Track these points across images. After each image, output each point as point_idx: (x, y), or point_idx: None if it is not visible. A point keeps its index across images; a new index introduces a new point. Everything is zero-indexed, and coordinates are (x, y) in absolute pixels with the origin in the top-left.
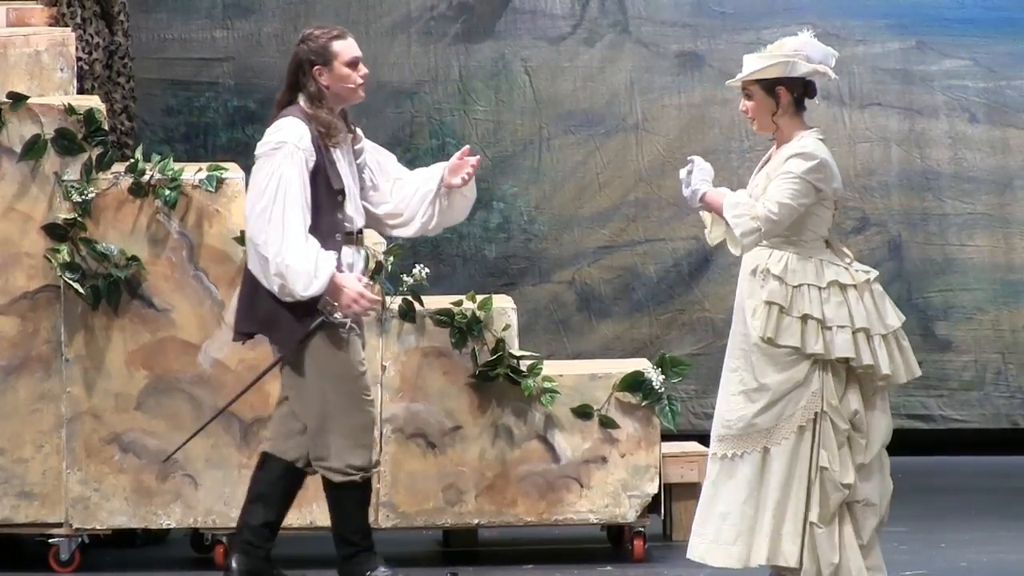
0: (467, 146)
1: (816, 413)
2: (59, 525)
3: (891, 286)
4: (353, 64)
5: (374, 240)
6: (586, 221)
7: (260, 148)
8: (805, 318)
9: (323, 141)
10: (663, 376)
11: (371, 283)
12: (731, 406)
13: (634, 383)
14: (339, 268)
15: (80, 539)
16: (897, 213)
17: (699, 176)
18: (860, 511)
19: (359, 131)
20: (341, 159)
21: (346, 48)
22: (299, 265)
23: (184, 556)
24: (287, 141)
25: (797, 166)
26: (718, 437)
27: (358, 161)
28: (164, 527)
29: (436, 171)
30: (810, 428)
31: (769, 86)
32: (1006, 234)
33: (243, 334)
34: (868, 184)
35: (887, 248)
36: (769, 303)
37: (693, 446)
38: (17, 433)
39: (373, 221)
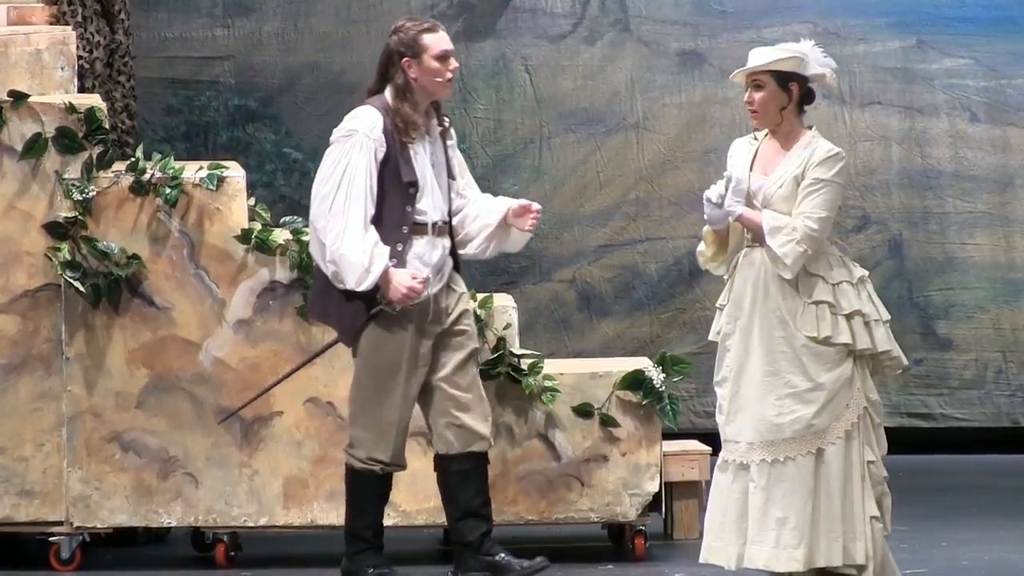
0: (536, 204)
1: (863, 408)
2: (60, 524)
3: (892, 285)
4: (443, 58)
5: None
6: (587, 220)
7: (333, 135)
8: (852, 315)
9: (398, 135)
10: (664, 375)
11: (426, 277)
12: (780, 410)
13: (635, 382)
14: (406, 260)
15: (81, 538)
16: (898, 212)
17: (733, 196)
18: (884, 503)
19: (451, 128)
20: (422, 152)
21: (436, 41)
22: (353, 257)
23: (185, 555)
24: (358, 130)
25: (826, 172)
26: (765, 443)
27: (449, 156)
28: (165, 526)
29: (499, 208)
30: (857, 424)
31: (783, 79)
32: (1007, 233)
33: (316, 318)
34: (869, 183)
35: (888, 247)
36: (818, 302)
37: (694, 445)
38: (18, 432)
39: None
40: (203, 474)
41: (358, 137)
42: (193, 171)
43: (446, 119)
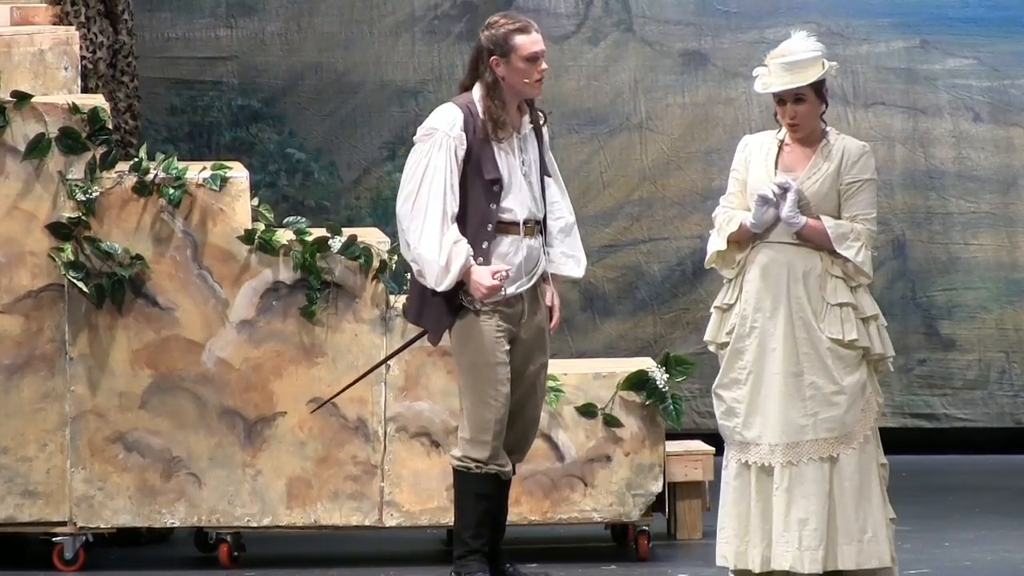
0: (556, 322)
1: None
2: (63, 524)
3: (895, 285)
4: (532, 59)
5: (378, 239)
6: (590, 220)
7: (417, 133)
8: (869, 319)
9: (487, 132)
10: (667, 375)
11: (506, 274)
12: (805, 412)
13: (638, 382)
14: (491, 259)
15: (84, 538)
16: (901, 212)
17: (792, 207)
18: None
19: (546, 127)
20: (510, 150)
21: (527, 42)
22: (430, 256)
23: (188, 555)
24: (438, 128)
25: (865, 171)
26: (790, 444)
27: (544, 154)
28: (168, 526)
29: (549, 266)
30: (873, 427)
31: (818, 87)
32: (1010, 233)
33: (410, 320)
34: None
35: (891, 247)
36: (841, 304)
37: (697, 445)
38: (21, 432)
39: None
40: (206, 474)
41: (438, 136)
42: (196, 171)
43: (540, 115)
